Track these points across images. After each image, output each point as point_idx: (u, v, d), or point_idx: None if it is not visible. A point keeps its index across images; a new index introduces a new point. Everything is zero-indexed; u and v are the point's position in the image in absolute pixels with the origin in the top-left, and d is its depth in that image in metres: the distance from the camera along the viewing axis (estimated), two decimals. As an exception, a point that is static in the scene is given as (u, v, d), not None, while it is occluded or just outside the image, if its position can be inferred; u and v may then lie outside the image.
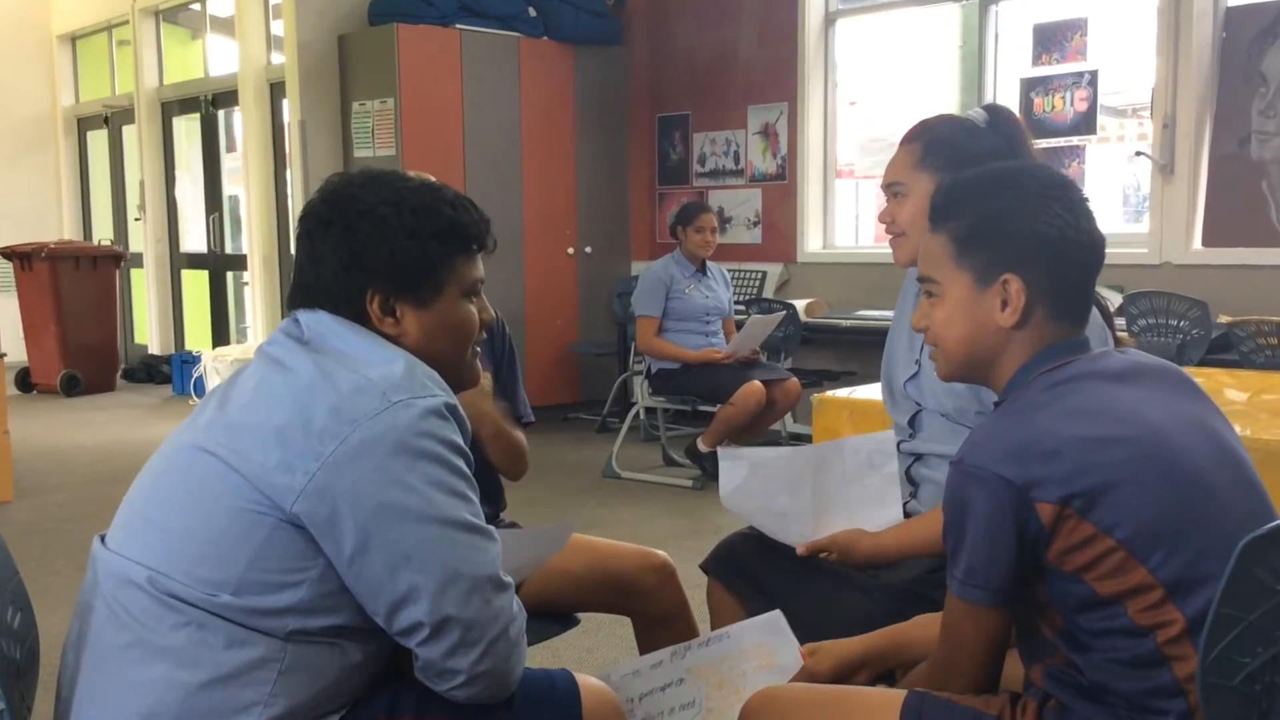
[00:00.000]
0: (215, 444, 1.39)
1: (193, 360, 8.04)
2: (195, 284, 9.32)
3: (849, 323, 5.84)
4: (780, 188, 6.73)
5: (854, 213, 6.76)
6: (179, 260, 9.43)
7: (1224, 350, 4.60)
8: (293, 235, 1.63)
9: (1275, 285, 4.93)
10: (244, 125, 8.05)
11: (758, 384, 5.07)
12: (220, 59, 8.82)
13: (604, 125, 7.16)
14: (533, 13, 6.81)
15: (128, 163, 9.82)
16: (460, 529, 1.37)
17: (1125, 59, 5.59)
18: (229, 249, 8.94)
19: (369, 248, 1.46)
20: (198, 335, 9.26)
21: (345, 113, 6.71)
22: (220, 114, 8.89)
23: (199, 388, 7.69)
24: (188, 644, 1.34)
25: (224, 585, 1.34)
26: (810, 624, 1.88)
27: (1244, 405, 3.12)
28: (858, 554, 1.94)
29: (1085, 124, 5.58)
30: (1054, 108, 5.62)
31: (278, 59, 7.71)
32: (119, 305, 8.73)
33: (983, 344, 1.46)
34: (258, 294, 7.93)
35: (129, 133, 9.65)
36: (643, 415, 6.06)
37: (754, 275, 6.71)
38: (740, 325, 5.39)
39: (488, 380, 2.44)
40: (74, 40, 10.32)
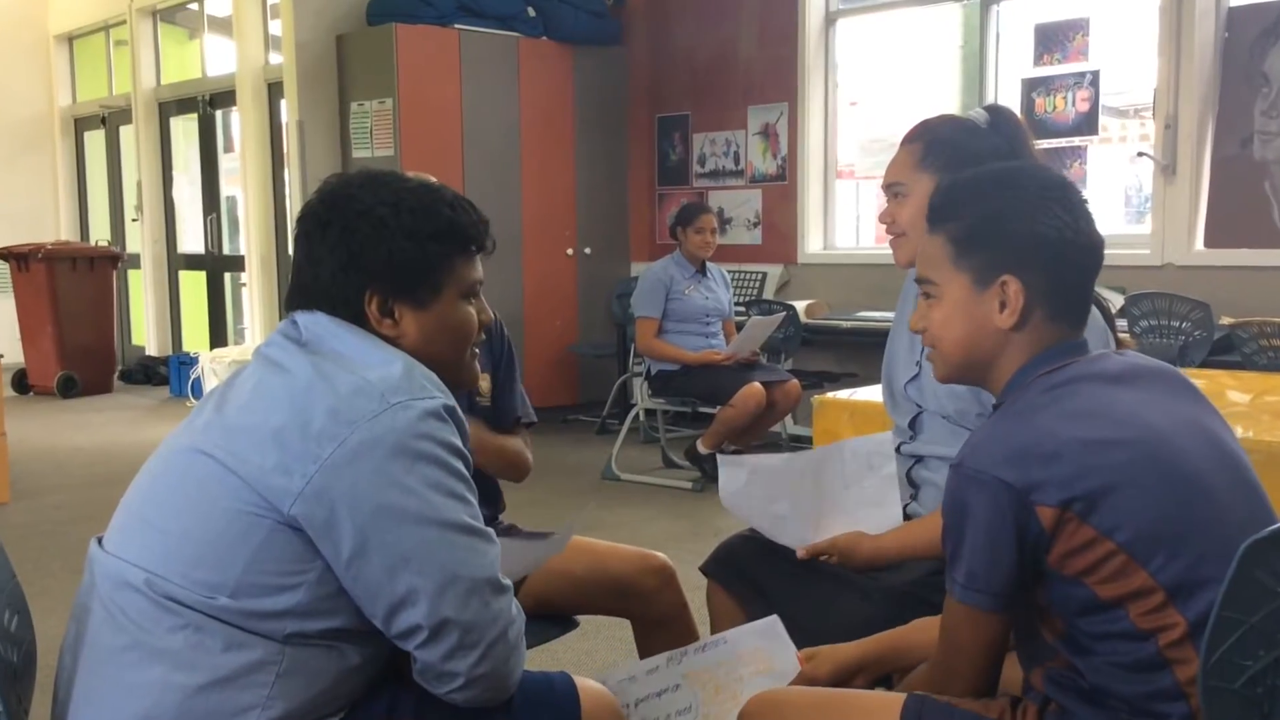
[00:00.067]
0: (213, 446, 1.38)
1: (190, 361, 8.03)
2: (193, 285, 9.31)
3: (849, 324, 5.82)
4: (780, 188, 6.71)
5: (854, 213, 6.75)
6: (176, 261, 9.41)
7: (1226, 352, 4.59)
8: (290, 236, 1.62)
9: (1278, 286, 4.92)
10: (242, 125, 8.04)
11: (758, 386, 5.06)
12: (218, 59, 8.81)
13: (603, 125, 7.14)
14: (532, 13, 6.80)
15: (125, 163, 9.81)
16: (459, 531, 1.37)
17: (1127, 59, 5.58)
18: (226, 250, 8.93)
19: (367, 249, 1.46)
20: (195, 336, 9.24)
21: (343, 113, 6.70)
22: (218, 114, 8.87)
23: (196, 389, 7.68)
24: (185, 646, 1.34)
25: (222, 588, 1.34)
26: (810, 627, 1.88)
27: (1246, 407, 3.10)
28: (858, 557, 1.94)
29: (1087, 124, 5.57)
30: (1055, 108, 5.61)
31: (276, 59, 7.70)
32: (116, 306, 8.72)
33: (981, 346, 1.45)
34: (255, 295, 7.92)
35: (126, 133, 9.64)
36: (642, 417, 6.05)
37: (754, 276, 6.69)
38: (740, 326, 5.37)
39: (486, 383, 2.43)
40: (71, 40, 10.31)
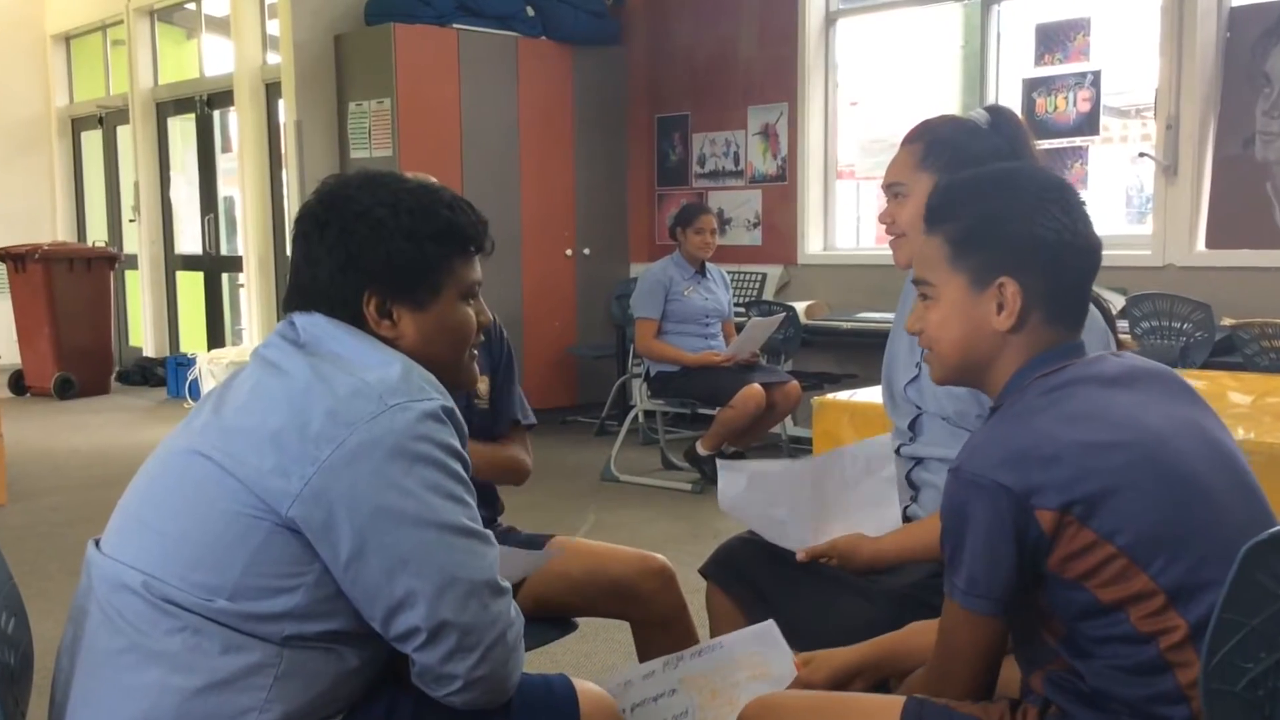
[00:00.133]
0: (211, 448, 1.38)
1: (188, 363, 8.02)
2: (190, 286, 9.29)
3: (849, 325, 5.81)
4: (780, 189, 6.70)
5: (855, 214, 6.74)
6: (174, 262, 9.39)
7: (1228, 353, 4.58)
8: (288, 237, 1.61)
9: (1279, 287, 4.89)
10: (239, 126, 8.02)
11: (757, 387, 5.05)
12: (215, 59, 8.80)
13: (603, 126, 7.13)
14: (531, 12, 6.79)
15: (122, 163, 9.80)
16: (457, 533, 1.36)
17: (1128, 59, 5.57)
18: (224, 250, 8.91)
19: (366, 250, 1.46)
20: (193, 337, 9.22)
21: (341, 113, 6.69)
22: (215, 114, 8.86)
23: (194, 390, 7.67)
24: (183, 649, 1.33)
25: (219, 590, 1.33)
26: (810, 629, 1.89)
27: (1248, 408, 3.09)
28: (858, 559, 1.94)
29: (1088, 125, 5.55)
30: (1056, 108, 5.59)
31: (273, 59, 7.69)
32: (113, 307, 8.71)
33: (978, 347, 1.45)
34: (253, 296, 7.91)
35: (123, 133, 9.63)
36: (641, 418, 6.04)
37: (754, 277, 6.67)
38: (740, 327, 5.36)
39: (484, 385, 2.42)
40: (68, 40, 10.29)
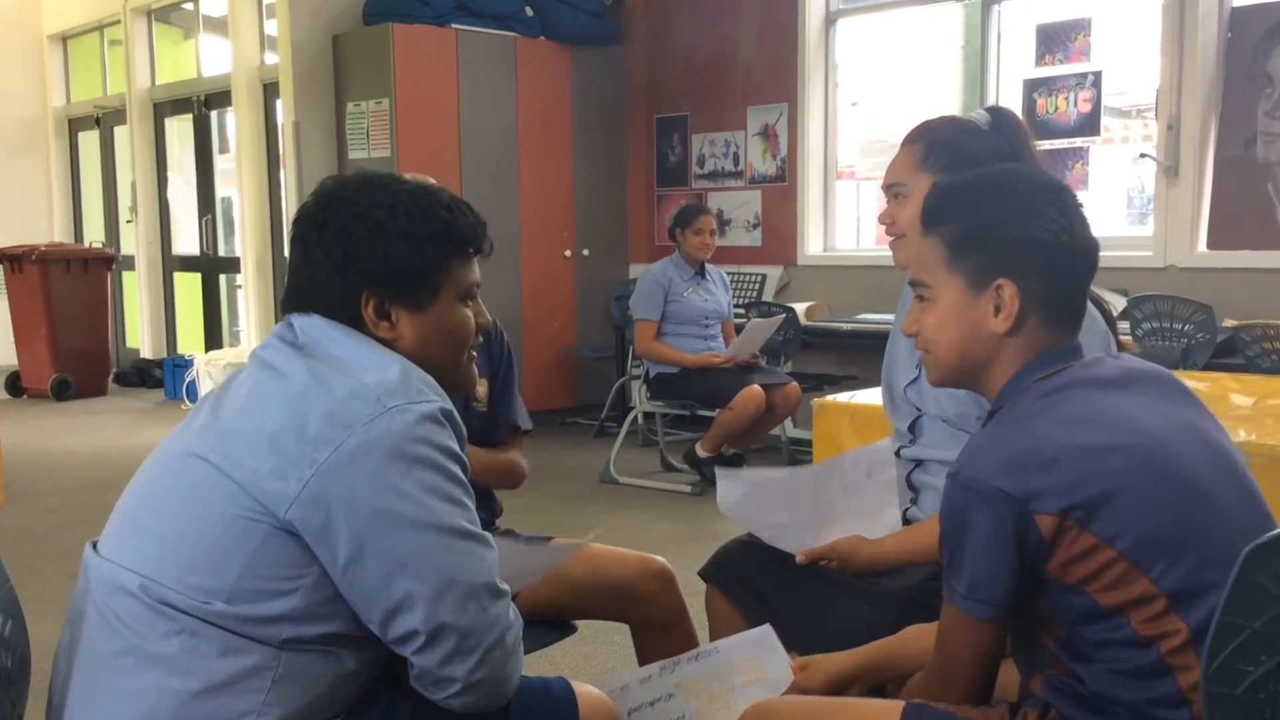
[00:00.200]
0: (209, 450, 1.38)
1: (185, 364, 8.00)
2: (188, 287, 9.27)
3: (849, 326, 5.80)
4: (780, 189, 6.68)
5: (855, 215, 6.73)
6: (171, 263, 9.37)
7: (1229, 354, 4.56)
8: (286, 238, 1.60)
9: (1281, 288, 4.89)
10: (237, 126, 8.00)
11: (757, 388, 5.03)
12: (213, 59, 8.78)
13: (602, 126, 7.11)
14: (530, 12, 6.77)
15: (119, 164, 9.77)
16: (456, 536, 1.36)
17: (1129, 59, 5.56)
18: (222, 251, 8.89)
19: (364, 251, 1.45)
20: (190, 339, 9.20)
21: (340, 114, 6.67)
22: (213, 115, 8.84)
23: (191, 392, 7.65)
24: (180, 652, 1.33)
25: (217, 593, 1.33)
26: (810, 632, 1.89)
27: (1249, 410, 3.10)
28: (858, 561, 1.94)
29: (1089, 125, 5.54)
30: (1057, 109, 5.58)
31: (271, 59, 7.67)
32: (110, 308, 8.70)
33: (975, 350, 1.45)
34: (251, 297, 7.88)
35: (121, 134, 9.60)
36: (641, 420, 6.03)
37: (753, 278, 6.66)
38: (740, 329, 5.35)
39: (483, 388, 2.42)
40: (65, 40, 10.26)
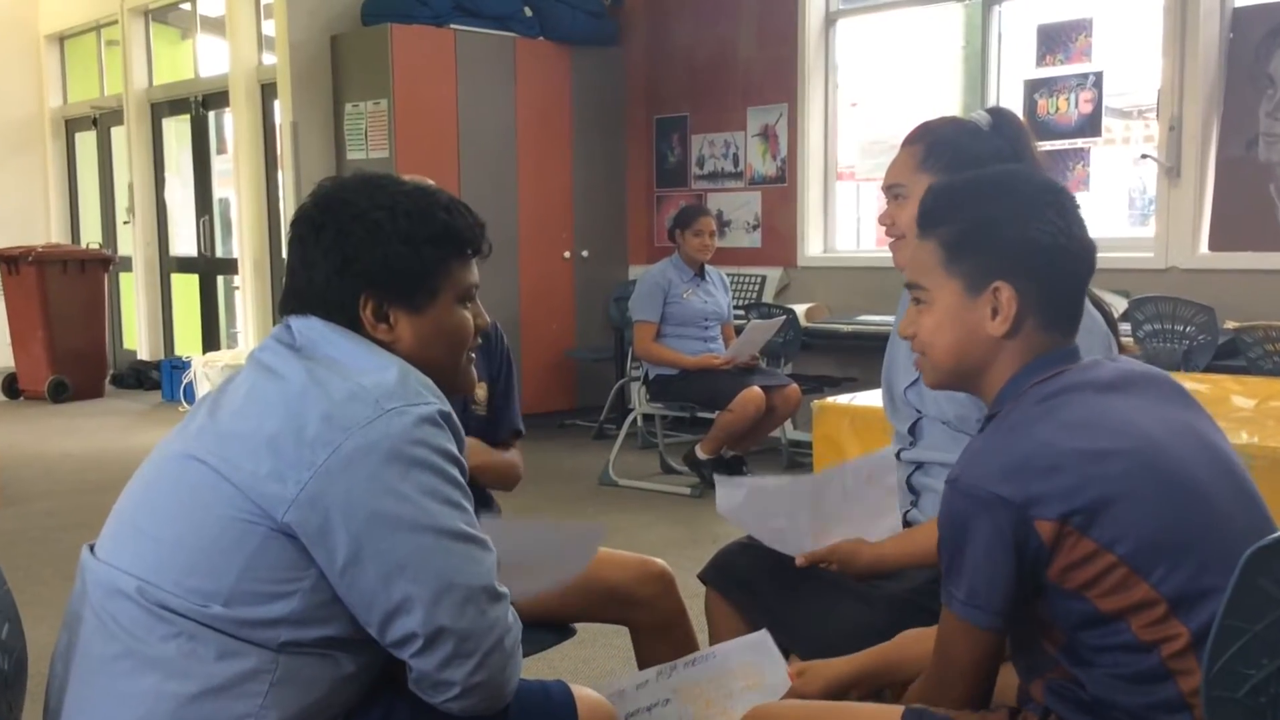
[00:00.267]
0: (206, 452, 1.37)
1: (183, 366, 7.98)
2: (185, 288, 9.24)
3: (850, 328, 5.78)
4: (780, 190, 6.66)
5: (855, 216, 6.72)
6: (169, 264, 9.34)
7: (1231, 356, 4.55)
8: (284, 239, 1.59)
9: (1284, 290, 4.87)
10: (235, 127, 7.98)
11: (757, 390, 5.01)
12: (211, 59, 8.76)
13: (601, 127, 7.09)
14: (528, 12, 6.76)
15: (116, 165, 9.75)
16: (455, 538, 1.35)
17: (1130, 60, 5.55)
18: (219, 252, 8.87)
19: (362, 253, 1.45)
20: (188, 340, 9.17)
21: (338, 114, 6.66)
22: (211, 115, 8.81)
23: (189, 394, 7.63)
24: (178, 655, 1.33)
25: (215, 596, 1.33)
26: (810, 635, 1.89)
27: (1251, 412, 3.10)
28: (859, 564, 1.94)
29: (1090, 126, 5.52)
30: (1058, 109, 5.56)
31: (269, 59, 7.64)
32: (107, 310, 8.68)
33: (972, 353, 1.44)
34: (249, 298, 7.86)
35: (118, 134, 9.58)
36: (640, 422, 6.01)
37: (753, 279, 6.64)
38: (739, 330, 5.33)
39: (482, 391, 2.41)
40: (62, 40, 10.24)
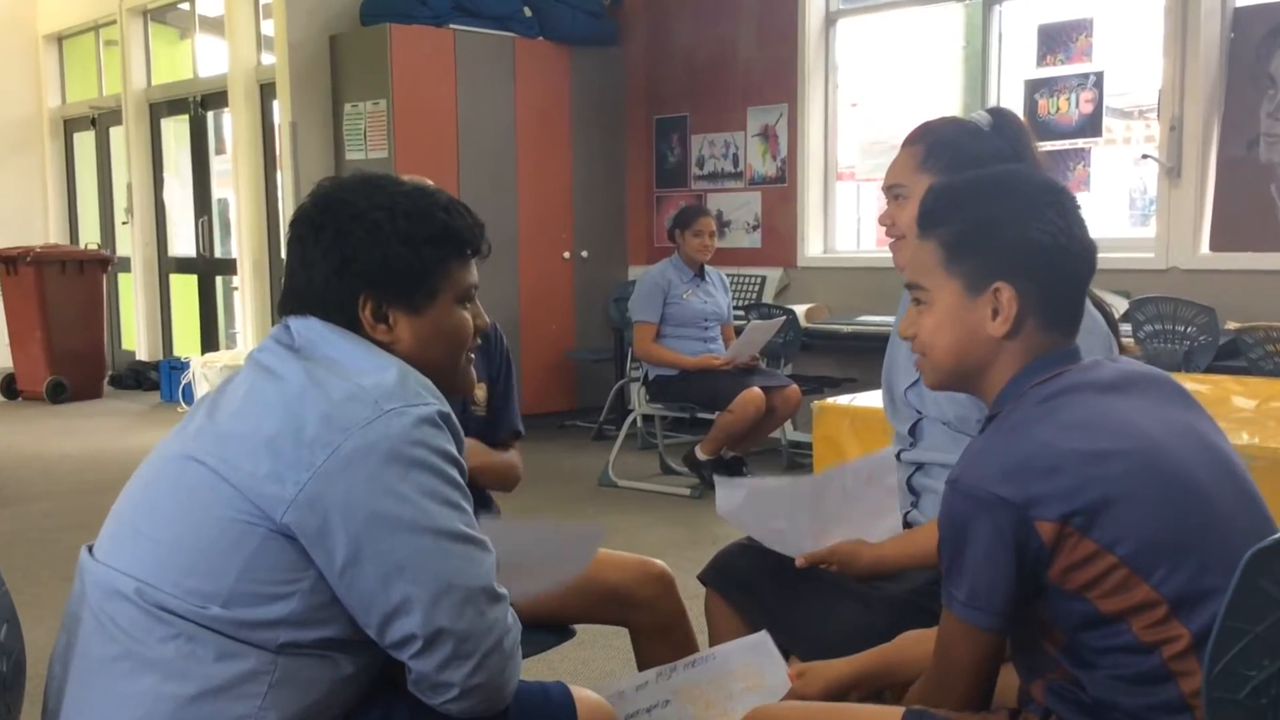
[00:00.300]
0: (205, 453, 1.37)
1: (181, 366, 7.97)
2: (184, 288, 9.23)
3: (850, 328, 5.77)
4: (780, 191, 6.65)
5: (855, 216, 6.71)
6: (167, 264, 9.33)
7: (1232, 357, 4.55)
8: (283, 239, 1.58)
9: (1285, 290, 4.87)
10: (233, 127, 7.97)
11: (757, 391, 5.01)
12: (209, 59, 8.75)
13: (600, 127, 7.09)
14: (528, 12, 6.75)
15: (115, 165, 9.73)
16: (454, 539, 1.35)
17: (1131, 60, 5.54)
18: (218, 253, 8.86)
19: (361, 253, 1.44)
20: (186, 341, 9.16)
21: (337, 114, 6.65)
22: (209, 115, 8.81)
23: (187, 394, 7.62)
24: (177, 656, 1.32)
25: (214, 597, 1.33)
26: (810, 636, 1.88)
27: (1252, 413, 3.10)
28: (859, 565, 1.93)
29: (1090, 126, 5.52)
30: (1059, 109, 5.55)
31: (268, 59, 7.63)
32: (106, 310, 8.67)
33: (972, 353, 1.44)
34: (248, 299, 7.85)
35: (116, 134, 9.57)
36: (640, 422, 6.00)
37: (753, 280, 6.63)
38: (739, 331, 5.32)
39: (482, 392, 2.40)
40: (60, 40, 10.23)
